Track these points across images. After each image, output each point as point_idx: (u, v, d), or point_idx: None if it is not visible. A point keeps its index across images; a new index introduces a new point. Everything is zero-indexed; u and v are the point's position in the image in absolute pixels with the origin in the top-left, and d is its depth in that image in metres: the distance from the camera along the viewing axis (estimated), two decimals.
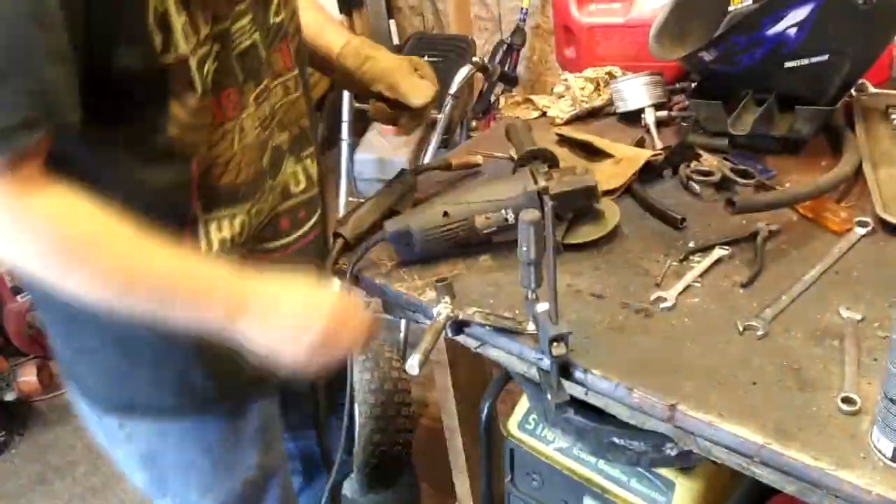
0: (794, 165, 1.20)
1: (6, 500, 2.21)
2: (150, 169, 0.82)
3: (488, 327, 0.92)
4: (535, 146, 1.13)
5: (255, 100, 0.90)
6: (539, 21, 3.34)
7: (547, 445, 1.27)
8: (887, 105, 1.28)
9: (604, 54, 1.57)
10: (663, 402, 0.79)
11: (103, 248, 0.76)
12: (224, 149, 0.87)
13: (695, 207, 1.12)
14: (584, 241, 1.05)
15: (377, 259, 1.07)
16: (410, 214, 1.06)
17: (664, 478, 1.16)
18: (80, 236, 0.75)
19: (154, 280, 0.79)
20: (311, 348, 0.85)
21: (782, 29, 1.13)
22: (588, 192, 1.04)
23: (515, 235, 0.82)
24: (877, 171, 1.12)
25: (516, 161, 1.12)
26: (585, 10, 1.59)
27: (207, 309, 0.81)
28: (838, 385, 0.79)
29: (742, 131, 1.19)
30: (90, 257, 0.76)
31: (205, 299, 0.81)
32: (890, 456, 0.69)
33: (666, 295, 0.94)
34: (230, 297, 0.82)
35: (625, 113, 1.42)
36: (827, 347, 0.84)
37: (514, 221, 0.85)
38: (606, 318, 0.93)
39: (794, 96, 1.19)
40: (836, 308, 0.89)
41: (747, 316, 0.89)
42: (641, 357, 0.86)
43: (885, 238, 1.01)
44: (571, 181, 1.03)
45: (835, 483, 0.69)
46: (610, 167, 1.20)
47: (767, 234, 1.03)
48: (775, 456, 0.73)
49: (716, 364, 0.84)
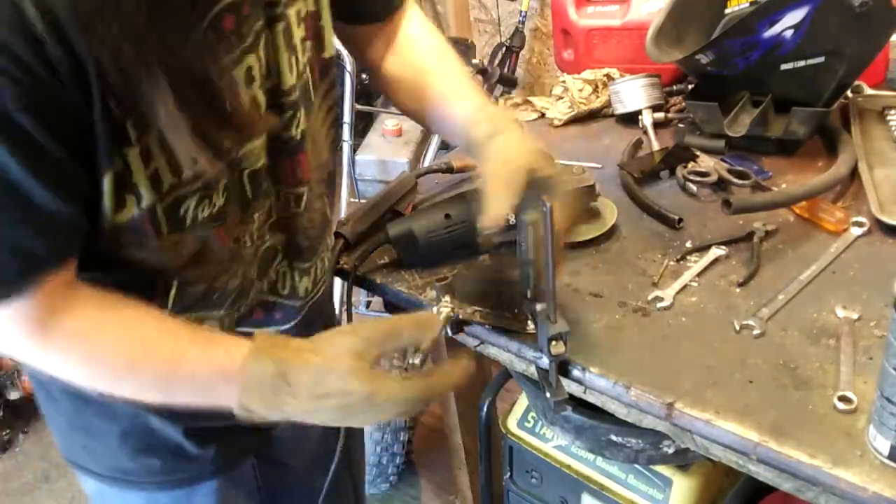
0: (791, 166, 1.21)
1: (11, 498, 2.21)
2: (116, 271, 0.77)
3: (488, 326, 0.92)
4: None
5: (256, 216, 0.84)
6: (538, 24, 3.35)
7: (546, 443, 1.28)
8: (883, 106, 1.29)
9: (602, 56, 1.58)
10: (660, 400, 0.80)
11: (137, 367, 0.73)
12: (211, 264, 0.81)
13: (692, 208, 1.13)
14: (584, 240, 1.06)
15: (377, 258, 1.08)
16: (412, 216, 1.07)
17: (662, 475, 1.17)
18: (116, 355, 0.73)
19: (187, 382, 0.74)
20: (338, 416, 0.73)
21: (778, 31, 1.14)
22: (587, 192, 1.05)
23: (515, 236, 0.83)
24: (872, 171, 1.13)
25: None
26: (583, 12, 1.60)
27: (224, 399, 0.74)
28: (834, 384, 0.79)
29: (738, 133, 1.20)
30: (127, 376, 0.74)
31: (218, 394, 0.74)
32: (886, 454, 0.69)
33: (663, 294, 0.95)
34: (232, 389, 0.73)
35: (623, 114, 1.43)
36: (823, 346, 0.85)
37: (514, 222, 0.86)
38: (604, 317, 0.93)
39: (790, 98, 1.20)
40: (832, 307, 0.90)
41: (744, 315, 0.90)
42: (639, 355, 0.87)
43: (881, 238, 1.02)
44: (570, 181, 1.04)
45: (831, 481, 0.70)
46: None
47: (764, 235, 1.03)
48: (772, 453, 0.73)
49: (713, 362, 0.84)
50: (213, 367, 0.72)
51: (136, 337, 0.73)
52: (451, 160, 1.28)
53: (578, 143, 1.41)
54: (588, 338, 0.90)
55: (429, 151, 2.33)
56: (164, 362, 0.73)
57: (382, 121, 2.59)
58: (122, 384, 0.75)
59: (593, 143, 1.40)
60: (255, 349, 0.72)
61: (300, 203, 0.89)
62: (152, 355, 0.73)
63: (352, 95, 2.27)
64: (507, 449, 1.34)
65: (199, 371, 0.73)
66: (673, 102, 1.45)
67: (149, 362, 0.73)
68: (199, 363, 0.73)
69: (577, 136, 1.44)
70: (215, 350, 0.73)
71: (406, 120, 2.54)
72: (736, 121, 1.22)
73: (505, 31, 3.38)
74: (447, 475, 1.65)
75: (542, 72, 3.44)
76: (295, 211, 0.89)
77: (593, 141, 1.41)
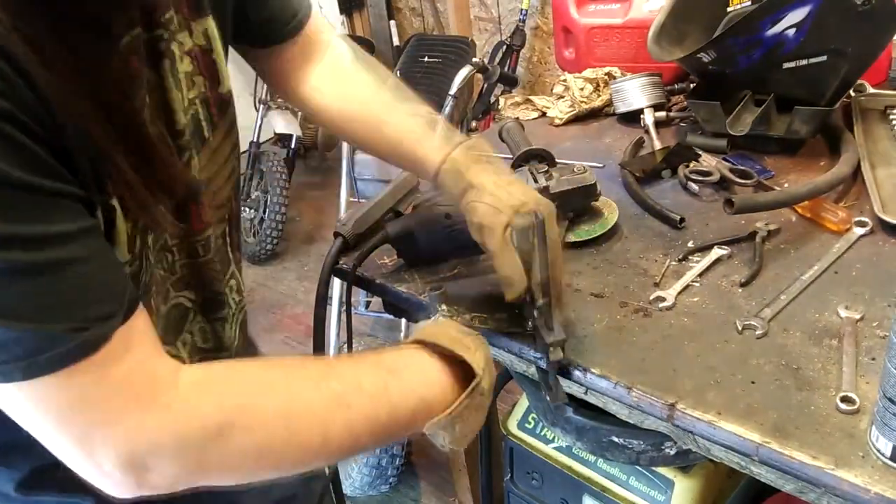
0: (793, 166, 1.21)
1: None
2: None
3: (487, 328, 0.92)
4: (530, 146, 1.13)
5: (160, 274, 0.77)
6: (538, 22, 3.34)
7: (546, 444, 1.28)
8: (885, 105, 1.28)
9: (603, 55, 1.58)
10: (662, 401, 0.80)
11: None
12: None
13: (693, 207, 1.13)
14: (586, 239, 1.05)
15: (377, 258, 1.08)
16: (412, 216, 1.06)
17: (663, 476, 1.16)
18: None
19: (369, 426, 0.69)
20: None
21: (781, 30, 1.13)
22: (588, 191, 1.05)
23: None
24: (875, 171, 1.12)
25: (514, 161, 1.13)
26: (585, 11, 1.60)
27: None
28: (836, 384, 0.79)
29: (741, 132, 1.20)
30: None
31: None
32: (888, 455, 0.69)
33: (665, 294, 0.95)
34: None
35: (624, 113, 1.43)
36: (825, 347, 0.84)
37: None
38: (606, 317, 0.93)
39: (792, 97, 1.19)
40: (834, 308, 0.89)
41: (746, 315, 0.90)
42: (640, 356, 0.86)
43: (883, 238, 1.02)
44: (571, 180, 1.04)
45: (833, 482, 0.70)
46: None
47: (766, 234, 1.03)
48: (774, 454, 0.73)
49: (714, 363, 0.84)
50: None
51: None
52: None
53: (579, 142, 1.41)
54: (589, 338, 0.89)
55: None
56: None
57: None
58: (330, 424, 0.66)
59: (594, 142, 1.40)
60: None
61: (208, 250, 0.83)
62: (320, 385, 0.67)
63: None
64: (508, 450, 1.33)
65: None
66: (674, 101, 1.45)
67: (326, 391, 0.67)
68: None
69: (578, 135, 1.44)
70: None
71: None
72: (738, 120, 1.22)
73: (505, 29, 3.38)
74: (447, 477, 1.65)
75: (543, 70, 3.44)
76: (202, 259, 0.83)
77: (594, 140, 1.41)
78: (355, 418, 0.67)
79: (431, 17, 3.80)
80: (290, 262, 3.36)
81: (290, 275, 3.28)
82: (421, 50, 2.97)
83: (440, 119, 0.90)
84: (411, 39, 3.14)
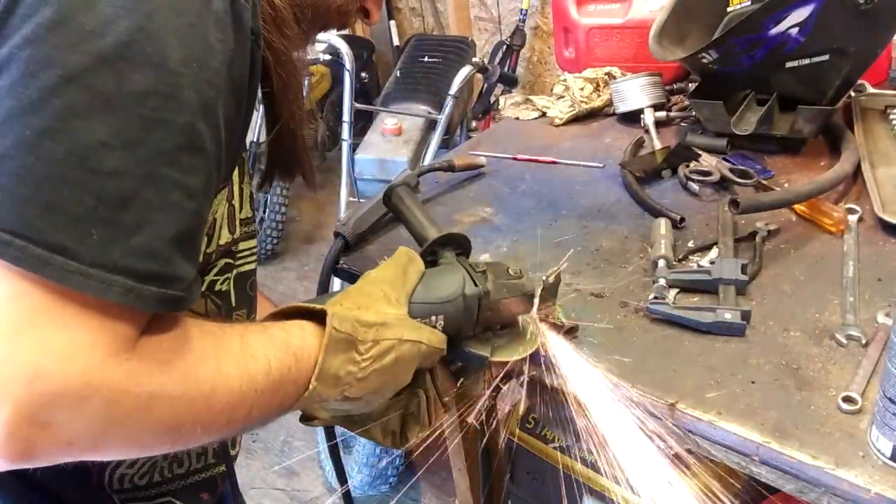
0: (793, 165, 1.21)
1: None
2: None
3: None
4: (433, 222, 0.92)
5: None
6: (538, 22, 3.34)
7: (546, 444, 1.27)
8: (886, 105, 1.28)
9: (603, 55, 1.58)
10: (662, 401, 0.80)
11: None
12: None
13: (694, 207, 1.13)
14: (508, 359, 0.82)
15: (377, 258, 1.07)
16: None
17: None
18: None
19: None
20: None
21: (784, 29, 1.13)
22: (526, 300, 0.83)
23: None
24: (875, 170, 1.12)
25: (425, 247, 0.86)
26: (585, 11, 1.60)
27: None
28: (836, 384, 0.79)
29: (745, 131, 1.20)
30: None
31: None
32: (889, 455, 0.69)
33: (665, 294, 0.94)
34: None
35: (624, 113, 1.43)
36: (825, 347, 0.84)
37: (442, 327, 0.74)
38: (605, 317, 0.93)
39: (794, 96, 1.19)
40: (834, 307, 0.89)
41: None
42: (640, 356, 0.86)
43: (883, 238, 1.01)
44: (511, 287, 0.80)
45: (833, 482, 0.69)
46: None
47: (766, 234, 1.03)
48: (774, 454, 0.73)
49: (714, 363, 0.84)
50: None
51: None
52: (453, 159, 1.27)
53: (579, 141, 1.41)
54: (589, 338, 0.89)
55: (429, 150, 2.32)
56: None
57: (382, 120, 2.58)
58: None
59: (594, 142, 1.40)
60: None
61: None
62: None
63: (351, 94, 2.27)
64: (508, 450, 1.33)
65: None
66: (674, 101, 1.45)
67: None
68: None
69: (579, 135, 1.44)
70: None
71: (405, 119, 2.54)
72: (742, 119, 1.22)
73: (505, 29, 3.38)
74: (447, 477, 1.65)
75: (543, 70, 3.44)
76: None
77: (594, 140, 1.41)
78: (259, 402, 0.64)
79: (431, 17, 3.80)
80: (290, 262, 3.36)
81: (290, 274, 3.28)
82: (421, 50, 2.97)
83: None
84: (411, 39, 3.14)
